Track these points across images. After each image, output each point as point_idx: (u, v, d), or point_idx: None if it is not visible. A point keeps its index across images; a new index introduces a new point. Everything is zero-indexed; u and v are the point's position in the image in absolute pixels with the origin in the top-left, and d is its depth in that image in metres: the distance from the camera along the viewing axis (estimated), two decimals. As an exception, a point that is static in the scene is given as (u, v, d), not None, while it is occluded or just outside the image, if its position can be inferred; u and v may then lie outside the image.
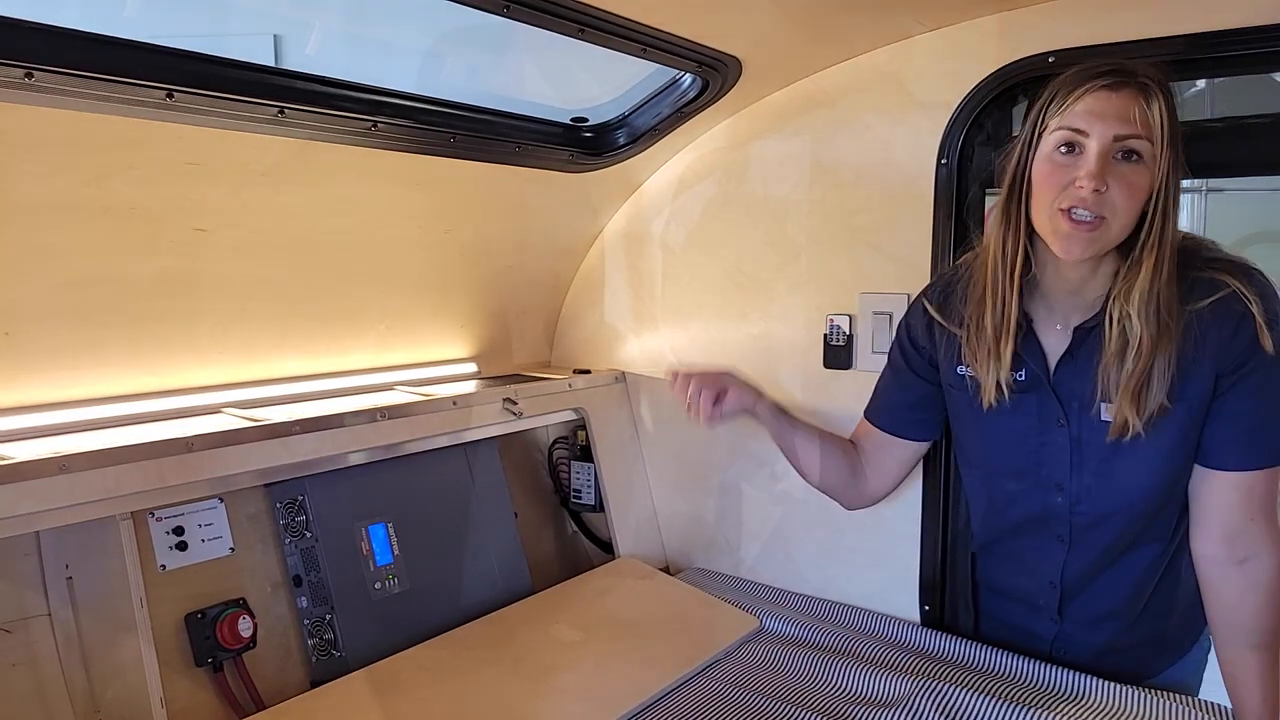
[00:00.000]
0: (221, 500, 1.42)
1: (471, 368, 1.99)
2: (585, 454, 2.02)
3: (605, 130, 1.77)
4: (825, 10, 1.45)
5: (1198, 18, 1.36)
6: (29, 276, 1.20)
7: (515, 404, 1.77)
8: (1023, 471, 1.34)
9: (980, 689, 1.38)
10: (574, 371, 2.03)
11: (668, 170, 1.95)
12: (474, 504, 1.78)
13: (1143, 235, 1.12)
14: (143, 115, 1.14)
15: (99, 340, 1.33)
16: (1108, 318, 1.17)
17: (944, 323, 1.35)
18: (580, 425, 2.00)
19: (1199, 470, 1.23)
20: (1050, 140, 1.14)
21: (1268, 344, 1.12)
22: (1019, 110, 1.60)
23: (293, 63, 2.68)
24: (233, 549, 1.43)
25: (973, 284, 1.28)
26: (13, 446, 1.19)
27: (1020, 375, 1.27)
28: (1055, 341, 1.26)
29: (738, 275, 1.88)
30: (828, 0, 1.41)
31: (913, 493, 1.67)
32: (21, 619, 1.22)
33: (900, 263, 1.66)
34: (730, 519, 1.96)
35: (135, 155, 1.20)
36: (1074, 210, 1.11)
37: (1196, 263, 1.16)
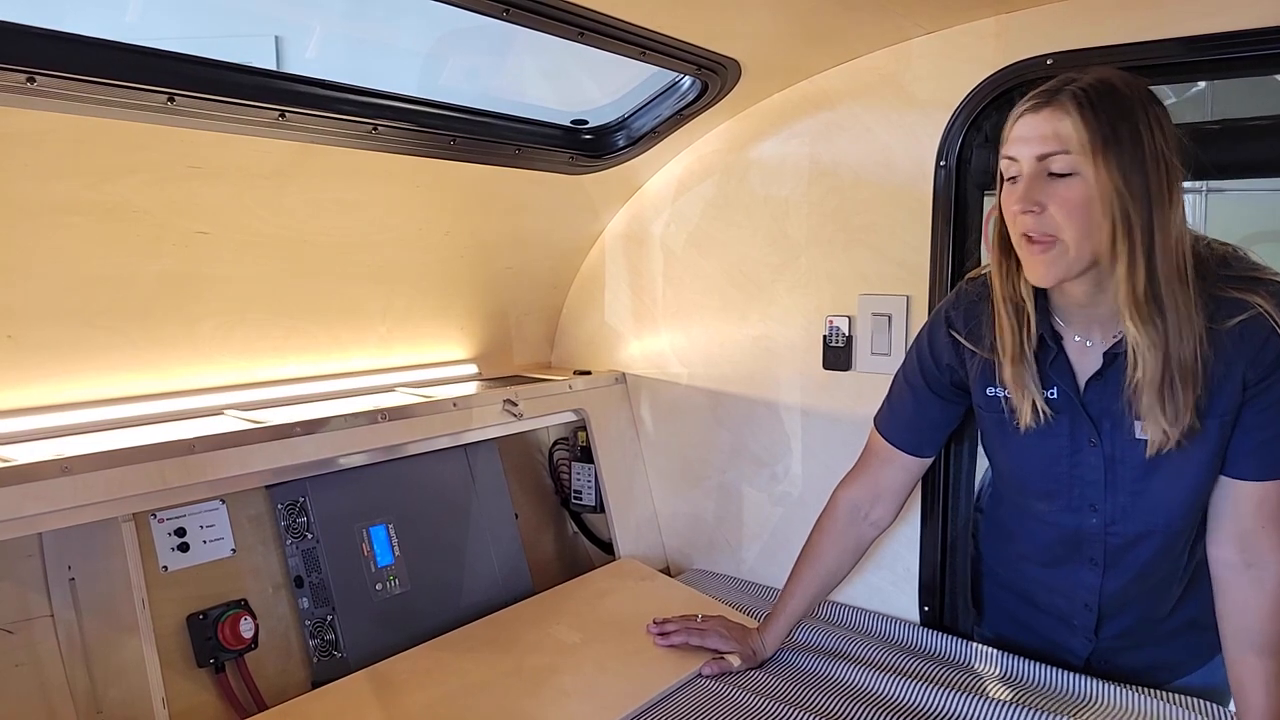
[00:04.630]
0: (223, 501, 1.43)
1: (472, 369, 1.99)
2: (586, 455, 2.02)
3: (605, 132, 1.78)
4: (824, 13, 1.45)
5: (1195, 20, 1.36)
6: (32, 280, 1.21)
7: (516, 405, 1.78)
8: (1054, 492, 1.32)
9: (981, 691, 1.39)
10: (574, 372, 2.03)
11: (668, 172, 1.95)
12: (475, 505, 1.78)
13: (1107, 245, 1.10)
14: (144, 119, 1.14)
15: (101, 343, 1.33)
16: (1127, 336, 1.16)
17: (971, 346, 1.32)
18: (581, 426, 2.01)
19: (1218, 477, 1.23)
20: (1001, 171, 1.16)
21: None
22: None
23: (294, 65, 2.70)
24: (234, 550, 1.43)
25: (995, 305, 1.26)
26: (15, 448, 1.20)
27: (1051, 394, 1.25)
28: (1083, 360, 1.25)
29: (737, 276, 1.88)
30: (826, 3, 1.41)
31: (912, 494, 1.67)
32: (24, 620, 1.22)
33: (899, 264, 1.67)
34: (731, 520, 1.96)
35: (137, 159, 1.21)
36: (1027, 234, 1.13)
37: (1220, 279, 1.14)
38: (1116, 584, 1.34)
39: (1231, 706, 1.36)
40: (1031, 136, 1.11)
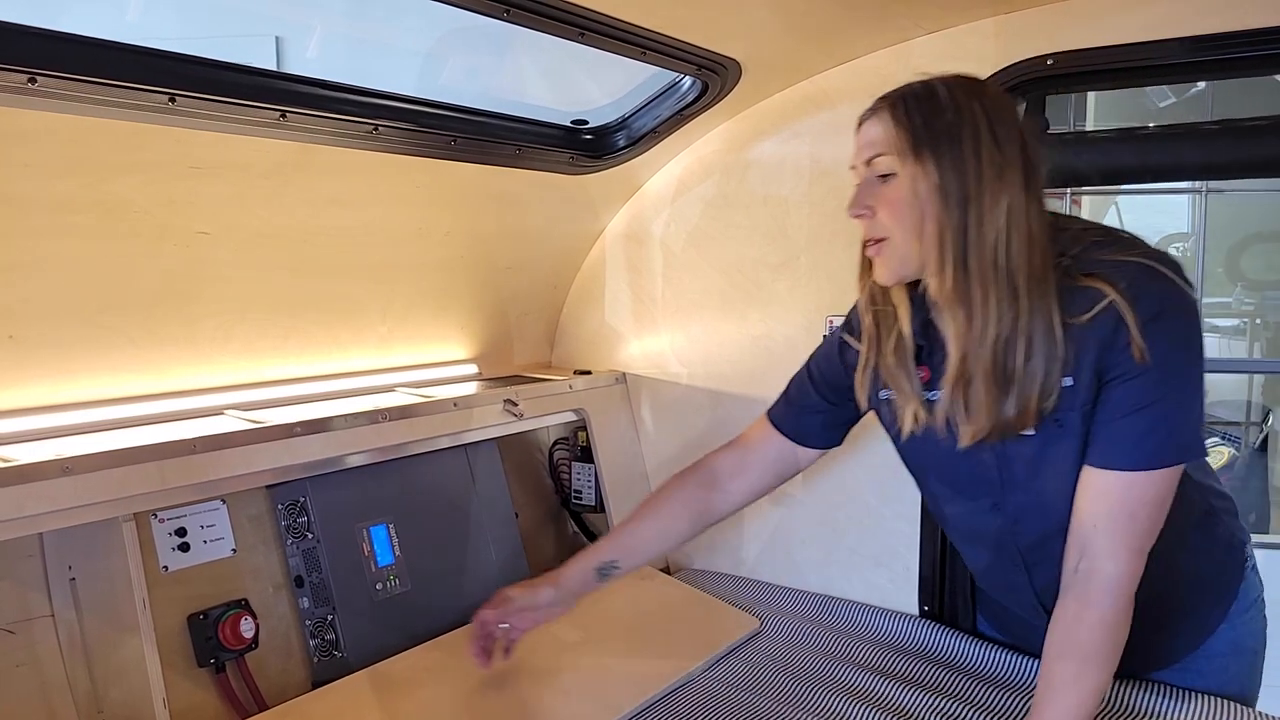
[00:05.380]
0: (223, 501, 1.43)
1: (472, 369, 1.99)
2: (586, 455, 2.02)
3: (605, 133, 1.78)
4: (824, 13, 1.45)
5: (1195, 20, 1.36)
6: (32, 279, 1.21)
7: (516, 405, 1.78)
8: (959, 492, 1.32)
9: (981, 692, 1.39)
10: (574, 372, 2.03)
11: (668, 172, 1.95)
12: (475, 505, 1.78)
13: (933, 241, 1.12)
14: (145, 119, 1.14)
15: (102, 343, 1.33)
16: None
17: (859, 347, 1.31)
18: (581, 426, 2.01)
19: None
20: None
21: (1138, 353, 1.06)
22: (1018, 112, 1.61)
23: (294, 65, 2.70)
24: (235, 550, 1.43)
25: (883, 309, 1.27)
26: (16, 448, 1.20)
27: (935, 394, 1.22)
28: None
29: (737, 276, 1.88)
30: (826, 3, 1.41)
31: (912, 493, 1.67)
32: (25, 620, 1.22)
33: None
34: (731, 519, 1.96)
35: (138, 159, 1.21)
36: (865, 237, 1.17)
37: (1078, 267, 1.11)
38: (1045, 581, 1.31)
39: (1261, 707, 1.33)
40: (860, 144, 1.16)
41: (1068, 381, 1.12)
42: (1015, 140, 1.10)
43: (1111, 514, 1.12)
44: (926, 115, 1.11)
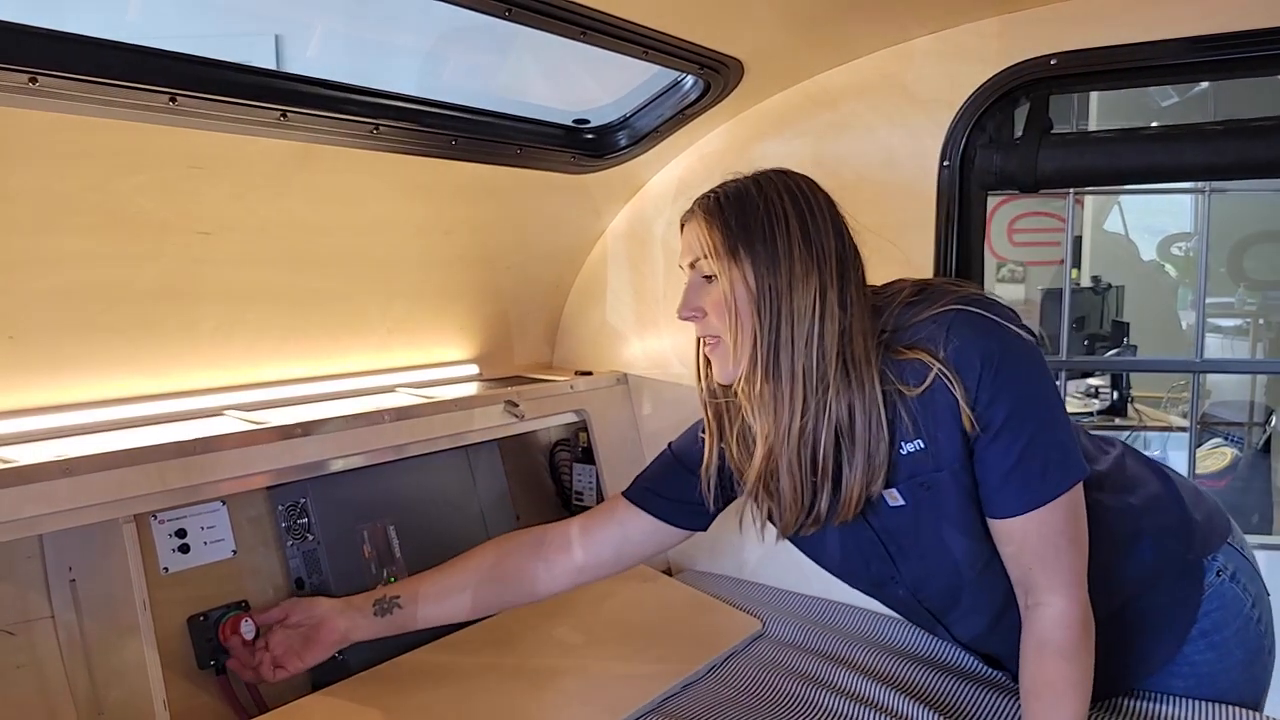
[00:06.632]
0: (224, 503, 1.43)
1: (473, 369, 1.99)
2: (587, 456, 2.02)
3: (607, 132, 1.77)
4: (826, 13, 1.45)
5: (1197, 21, 1.36)
6: (32, 280, 1.21)
7: (517, 406, 1.77)
8: (855, 574, 1.32)
9: (983, 696, 1.39)
10: (575, 373, 2.03)
11: (669, 172, 1.95)
12: (475, 506, 1.78)
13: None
14: (146, 119, 1.14)
15: (102, 343, 1.33)
16: None
17: (723, 448, 1.27)
18: (582, 427, 2.00)
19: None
20: None
21: (969, 425, 1.08)
22: (1021, 112, 1.61)
23: (294, 63, 2.69)
24: (235, 551, 1.43)
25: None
26: (16, 449, 1.19)
27: None
28: None
29: (739, 277, 1.87)
30: (828, 3, 1.41)
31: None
32: (25, 621, 1.22)
33: (903, 264, 1.66)
34: (733, 520, 1.95)
35: (138, 159, 1.20)
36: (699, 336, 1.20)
37: (898, 339, 1.12)
38: (971, 633, 1.34)
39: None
40: (682, 248, 1.19)
41: (916, 446, 1.12)
42: (829, 231, 1.13)
43: (1038, 552, 1.12)
44: (739, 216, 1.12)
